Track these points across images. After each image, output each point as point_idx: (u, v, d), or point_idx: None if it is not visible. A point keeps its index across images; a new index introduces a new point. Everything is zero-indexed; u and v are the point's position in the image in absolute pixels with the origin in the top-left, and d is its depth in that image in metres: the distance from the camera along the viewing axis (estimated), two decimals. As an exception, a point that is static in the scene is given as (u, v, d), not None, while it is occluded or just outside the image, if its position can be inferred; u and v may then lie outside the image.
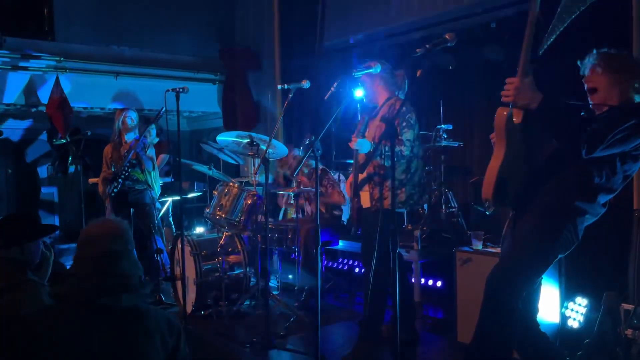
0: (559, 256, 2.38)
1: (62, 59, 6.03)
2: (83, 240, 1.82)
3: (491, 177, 2.33)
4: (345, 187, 4.68)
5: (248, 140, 4.03)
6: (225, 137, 4.23)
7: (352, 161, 5.86)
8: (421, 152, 3.56)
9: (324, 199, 4.85)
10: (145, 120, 5.23)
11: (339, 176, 5.89)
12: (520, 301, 2.33)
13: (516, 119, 2.32)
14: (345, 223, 5.14)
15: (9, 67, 5.83)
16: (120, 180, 4.72)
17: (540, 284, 2.52)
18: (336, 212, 4.92)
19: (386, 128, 2.37)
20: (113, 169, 4.85)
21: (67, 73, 6.09)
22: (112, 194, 4.76)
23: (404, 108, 3.32)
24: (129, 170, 4.75)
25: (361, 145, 3.35)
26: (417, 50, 2.50)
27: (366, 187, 3.50)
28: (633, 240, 2.95)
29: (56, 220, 7.04)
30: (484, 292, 2.37)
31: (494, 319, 2.35)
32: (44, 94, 5.96)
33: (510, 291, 2.31)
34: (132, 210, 4.91)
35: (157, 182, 4.96)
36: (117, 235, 1.80)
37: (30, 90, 6.00)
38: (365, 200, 3.52)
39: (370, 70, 3.43)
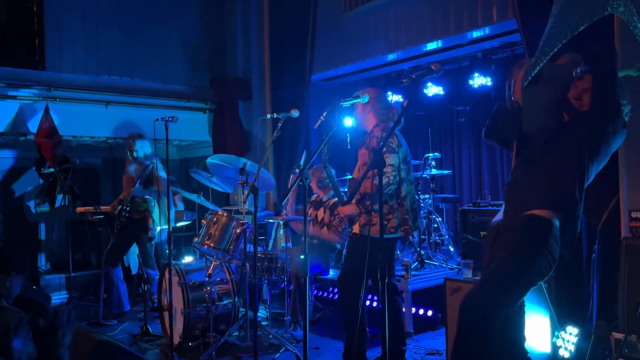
0: (538, 282, 2.36)
1: (52, 88, 6.03)
2: None
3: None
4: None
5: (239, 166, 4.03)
6: (216, 160, 4.21)
7: (346, 188, 5.89)
8: (411, 176, 3.57)
9: (327, 232, 4.84)
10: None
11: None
12: (496, 323, 2.26)
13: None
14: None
15: (-1, 95, 5.82)
16: (123, 214, 4.97)
17: (523, 311, 2.49)
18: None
19: (374, 157, 2.39)
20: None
21: (57, 102, 6.09)
22: (117, 228, 5.00)
23: (384, 134, 3.37)
24: (129, 206, 4.98)
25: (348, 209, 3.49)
26: (404, 80, 2.54)
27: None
28: (621, 269, 2.95)
29: (42, 251, 6.97)
30: (458, 314, 2.33)
31: (468, 341, 2.29)
32: (33, 123, 5.93)
33: (484, 313, 2.26)
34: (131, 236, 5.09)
35: (160, 211, 5.03)
36: None
37: (19, 120, 5.97)
38: (355, 227, 3.55)
39: (359, 100, 3.47)
